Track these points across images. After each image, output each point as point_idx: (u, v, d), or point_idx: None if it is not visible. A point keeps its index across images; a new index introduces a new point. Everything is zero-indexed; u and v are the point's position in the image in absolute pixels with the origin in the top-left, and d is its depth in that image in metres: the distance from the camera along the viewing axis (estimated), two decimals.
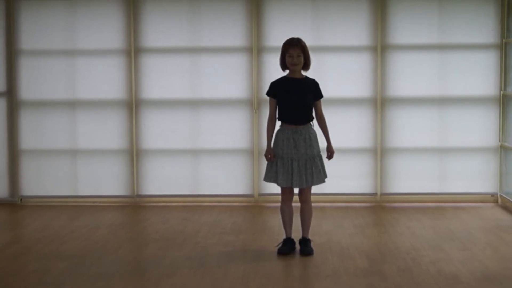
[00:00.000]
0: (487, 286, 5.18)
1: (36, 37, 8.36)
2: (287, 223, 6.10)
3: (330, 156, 6.22)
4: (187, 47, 8.32)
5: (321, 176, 6.09)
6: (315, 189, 8.49)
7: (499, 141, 8.31)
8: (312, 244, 6.11)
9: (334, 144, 6.25)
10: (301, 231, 6.11)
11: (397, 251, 6.15)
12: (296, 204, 6.13)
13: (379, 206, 8.21)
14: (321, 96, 6.14)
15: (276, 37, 8.28)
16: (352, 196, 8.39)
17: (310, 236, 6.13)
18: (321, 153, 6.16)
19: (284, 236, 6.13)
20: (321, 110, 6.16)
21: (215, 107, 8.31)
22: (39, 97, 8.41)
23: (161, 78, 8.37)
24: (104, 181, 8.44)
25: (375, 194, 8.39)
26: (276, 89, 6.03)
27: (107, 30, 8.33)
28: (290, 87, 6.00)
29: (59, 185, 8.46)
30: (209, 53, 8.30)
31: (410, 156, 8.37)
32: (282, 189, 6.09)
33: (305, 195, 6.08)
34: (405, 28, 8.26)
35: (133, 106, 8.36)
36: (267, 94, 6.10)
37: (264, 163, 8.37)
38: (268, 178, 6.09)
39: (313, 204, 6.19)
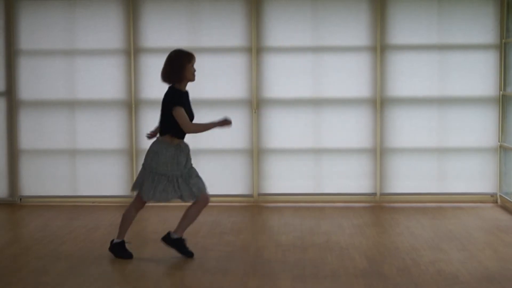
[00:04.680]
0: (486, 286, 5.18)
1: (36, 37, 8.37)
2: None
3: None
4: (186, 47, 8.29)
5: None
6: (315, 188, 8.54)
7: (499, 141, 8.31)
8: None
9: (333, 144, 6.23)
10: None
11: (396, 251, 6.15)
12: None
13: (379, 206, 8.21)
14: None
15: (276, 37, 8.29)
16: (352, 196, 8.40)
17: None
18: None
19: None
20: None
21: (214, 107, 8.31)
22: (39, 97, 8.41)
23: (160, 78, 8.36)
24: (103, 181, 8.44)
25: (374, 194, 8.39)
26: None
27: (106, 30, 8.34)
28: (187, 102, 5.94)
29: (58, 185, 8.46)
30: (208, 53, 8.30)
31: (410, 156, 8.37)
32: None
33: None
34: (404, 28, 8.27)
35: (132, 106, 8.36)
36: (181, 104, 5.84)
37: (264, 163, 8.40)
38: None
39: (312, 204, 6.18)
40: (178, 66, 5.86)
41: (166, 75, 5.93)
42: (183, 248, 5.94)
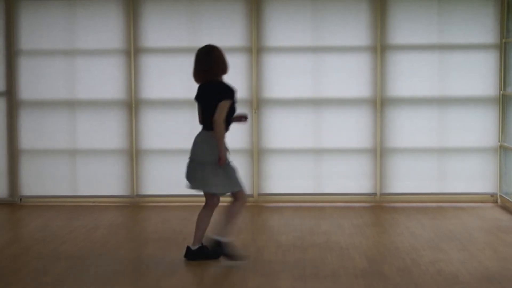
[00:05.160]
0: (486, 286, 5.18)
1: (36, 37, 8.37)
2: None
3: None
4: (186, 47, 8.32)
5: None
6: (315, 188, 8.54)
7: (499, 141, 8.31)
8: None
9: (333, 144, 6.23)
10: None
11: (396, 251, 6.15)
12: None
13: (379, 206, 8.21)
14: None
15: (276, 37, 8.29)
16: (352, 196, 8.40)
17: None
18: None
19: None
20: None
21: None
22: (39, 97, 8.41)
23: (161, 78, 8.37)
24: (103, 181, 8.44)
25: (374, 194, 8.39)
26: None
27: (106, 30, 8.34)
28: None
29: (58, 185, 8.46)
30: None
31: (410, 156, 8.37)
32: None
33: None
34: (404, 28, 8.27)
35: (132, 106, 8.36)
36: (233, 97, 5.80)
37: (264, 163, 8.40)
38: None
39: (312, 204, 6.18)
40: (224, 59, 5.89)
41: (218, 70, 5.83)
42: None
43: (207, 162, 5.74)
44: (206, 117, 5.79)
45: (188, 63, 8.35)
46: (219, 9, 8.30)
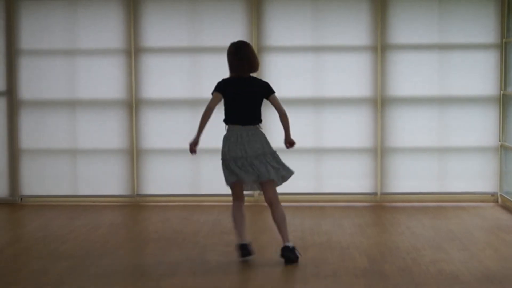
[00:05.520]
0: (487, 286, 5.18)
1: (37, 37, 8.37)
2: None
3: None
4: (187, 47, 8.33)
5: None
6: (316, 188, 8.54)
7: (499, 141, 8.31)
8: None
9: (334, 144, 6.22)
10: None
11: (397, 250, 6.15)
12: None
13: (379, 206, 8.22)
14: None
15: (276, 37, 8.29)
16: (352, 196, 8.40)
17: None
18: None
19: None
20: None
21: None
22: (39, 97, 8.41)
23: (161, 78, 8.37)
24: (104, 180, 8.44)
25: (375, 193, 8.39)
26: None
27: (107, 30, 8.34)
28: None
29: (59, 185, 8.46)
30: (209, 53, 8.30)
31: (410, 156, 8.37)
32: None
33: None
34: (405, 28, 8.27)
35: (133, 105, 8.36)
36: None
37: None
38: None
39: (313, 203, 6.17)
40: (256, 55, 5.89)
41: (257, 64, 5.82)
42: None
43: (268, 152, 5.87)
44: (253, 112, 5.82)
45: (188, 63, 8.41)
46: (219, 9, 8.30)
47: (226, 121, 5.88)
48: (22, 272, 5.59)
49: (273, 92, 5.89)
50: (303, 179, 8.41)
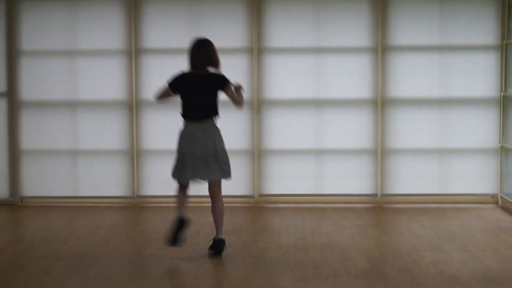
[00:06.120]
0: (487, 287, 5.18)
1: (37, 37, 8.38)
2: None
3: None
4: (187, 48, 8.32)
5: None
6: (316, 189, 8.54)
7: (500, 142, 8.32)
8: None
9: (335, 145, 6.24)
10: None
11: (397, 252, 6.15)
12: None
13: (380, 207, 8.22)
14: None
15: (277, 38, 8.30)
16: (353, 197, 8.40)
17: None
18: None
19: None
20: None
21: None
22: (40, 98, 8.42)
23: (162, 79, 8.33)
24: (104, 181, 8.45)
25: (375, 195, 8.39)
26: None
27: (108, 31, 8.35)
28: None
29: (59, 186, 8.47)
30: None
31: (411, 157, 8.38)
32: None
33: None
34: (405, 29, 8.27)
35: (133, 106, 8.37)
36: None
37: (265, 164, 8.40)
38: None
39: (314, 205, 6.19)
40: (216, 52, 6.05)
41: (211, 60, 5.99)
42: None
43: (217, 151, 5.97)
44: (206, 106, 5.97)
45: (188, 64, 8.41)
46: (220, 10, 8.31)
47: (182, 116, 6.02)
48: (23, 273, 5.59)
49: (227, 82, 5.98)
50: (303, 180, 8.42)
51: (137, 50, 8.34)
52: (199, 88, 5.96)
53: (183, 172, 5.95)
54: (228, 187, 8.35)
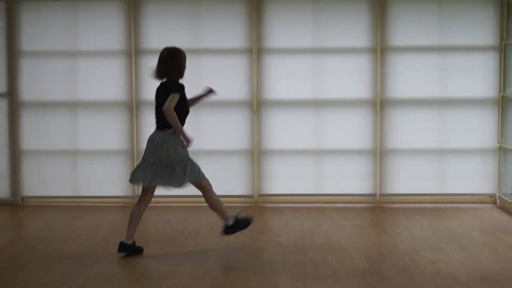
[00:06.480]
0: (485, 286, 5.20)
1: (37, 38, 8.40)
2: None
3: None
4: (187, 48, 8.30)
5: None
6: (315, 189, 8.55)
7: (498, 143, 8.34)
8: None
9: (334, 145, 6.25)
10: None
11: (396, 251, 6.17)
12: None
13: (379, 207, 8.24)
14: None
15: (276, 38, 8.32)
16: (352, 197, 8.43)
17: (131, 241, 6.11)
18: None
19: None
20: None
21: (215, 108, 8.33)
22: (40, 98, 8.44)
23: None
24: (105, 181, 8.47)
25: (374, 195, 8.42)
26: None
27: (107, 32, 8.37)
28: (185, 96, 6.06)
29: (60, 186, 8.49)
30: (209, 54, 8.33)
31: (410, 157, 8.40)
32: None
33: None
34: (404, 30, 8.29)
35: (133, 107, 8.39)
36: (182, 93, 5.98)
37: (265, 164, 8.42)
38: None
39: (313, 204, 6.21)
40: (180, 62, 6.02)
41: (167, 71, 5.98)
42: None
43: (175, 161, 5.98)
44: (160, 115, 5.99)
45: (188, 64, 8.39)
46: (219, 10, 8.33)
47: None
48: (23, 272, 5.61)
49: (173, 91, 5.90)
50: (303, 180, 8.44)
51: (137, 50, 8.36)
52: (159, 97, 6.01)
53: (144, 177, 6.03)
54: (228, 187, 8.42)
